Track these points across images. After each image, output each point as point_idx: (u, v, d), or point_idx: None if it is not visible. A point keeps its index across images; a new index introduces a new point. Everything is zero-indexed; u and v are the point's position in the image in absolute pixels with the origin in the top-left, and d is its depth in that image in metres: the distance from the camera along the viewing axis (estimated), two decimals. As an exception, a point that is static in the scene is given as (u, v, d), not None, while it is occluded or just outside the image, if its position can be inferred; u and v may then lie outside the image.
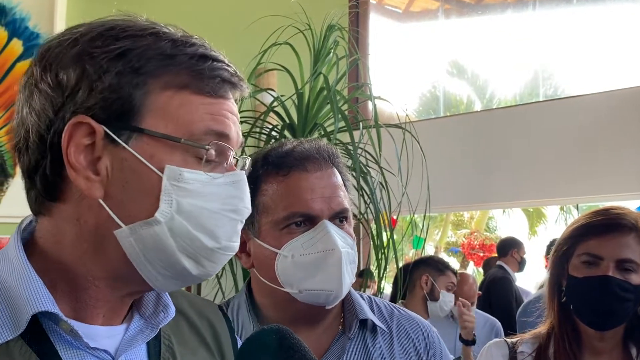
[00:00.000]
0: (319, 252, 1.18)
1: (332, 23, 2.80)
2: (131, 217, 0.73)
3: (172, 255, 0.74)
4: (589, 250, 1.43)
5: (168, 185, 0.73)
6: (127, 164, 0.73)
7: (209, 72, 0.77)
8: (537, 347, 1.49)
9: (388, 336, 1.31)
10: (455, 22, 7.46)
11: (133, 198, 0.74)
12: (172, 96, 0.75)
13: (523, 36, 7.39)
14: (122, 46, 0.74)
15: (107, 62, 0.73)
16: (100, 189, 0.73)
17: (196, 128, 0.75)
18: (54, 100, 0.74)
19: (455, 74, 11.86)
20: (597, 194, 4.95)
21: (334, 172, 1.26)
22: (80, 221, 0.75)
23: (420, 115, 9.37)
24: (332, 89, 2.57)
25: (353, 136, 2.56)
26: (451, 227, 15.57)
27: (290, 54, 2.76)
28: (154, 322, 0.82)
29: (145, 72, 0.74)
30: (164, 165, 0.73)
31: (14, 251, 0.76)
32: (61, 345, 0.73)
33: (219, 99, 0.78)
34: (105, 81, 0.73)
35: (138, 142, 0.74)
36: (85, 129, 0.73)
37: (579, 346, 1.45)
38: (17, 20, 3.84)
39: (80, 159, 0.73)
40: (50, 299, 0.73)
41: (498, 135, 5.30)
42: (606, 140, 4.78)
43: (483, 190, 5.35)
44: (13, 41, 3.84)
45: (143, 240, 0.73)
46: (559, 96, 7.59)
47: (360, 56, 2.97)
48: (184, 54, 0.76)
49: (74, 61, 0.74)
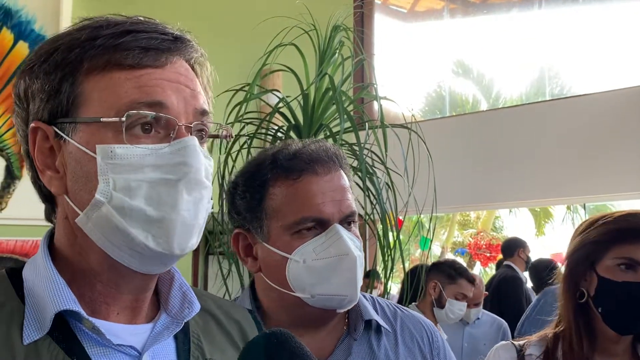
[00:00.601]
0: (332, 256, 1.17)
1: (337, 23, 2.79)
2: (85, 204, 0.76)
3: (125, 232, 0.75)
4: (626, 254, 1.40)
5: (103, 165, 0.74)
6: (73, 156, 0.77)
7: (127, 44, 0.76)
8: (544, 350, 1.47)
9: (392, 336, 1.31)
10: (460, 21, 7.45)
11: (82, 186, 0.76)
12: (98, 80, 0.76)
13: (529, 35, 7.37)
14: (50, 47, 0.78)
15: (38, 67, 0.78)
16: (62, 186, 0.78)
17: (121, 104, 0.75)
18: (22, 115, 0.80)
19: (460, 74, 11.84)
20: (604, 193, 4.93)
21: (341, 174, 1.25)
22: (67, 219, 0.79)
23: (426, 115, 9.36)
24: (338, 90, 2.56)
25: (359, 137, 2.55)
26: (458, 227, 15.54)
27: (295, 54, 2.75)
28: (179, 318, 0.84)
29: (68, 63, 0.77)
30: (96, 146, 0.75)
31: (40, 255, 0.80)
32: (88, 342, 0.76)
33: (147, 69, 0.76)
34: (37, 84, 0.77)
35: (76, 132, 0.76)
36: (42, 133, 0.78)
37: (591, 348, 1.43)
38: (23, 23, 3.86)
39: (47, 162, 0.78)
40: (72, 298, 0.76)
41: (504, 134, 5.29)
42: (613, 139, 4.76)
43: (490, 190, 5.33)
44: (19, 44, 3.86)
45: (98, 223, 0.75)
46: (566, 95, 7.56)
47: (366, 56, 2.97)
48: (103, 36, 0.77)
49: (20, 76, 0.80)
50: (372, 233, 2.80)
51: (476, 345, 3.85)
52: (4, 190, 3.51)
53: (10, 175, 3.58)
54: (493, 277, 5.69)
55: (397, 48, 6.84)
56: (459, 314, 3.25)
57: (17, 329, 0.73)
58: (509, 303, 4.93)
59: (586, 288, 1.45)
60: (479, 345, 3.86)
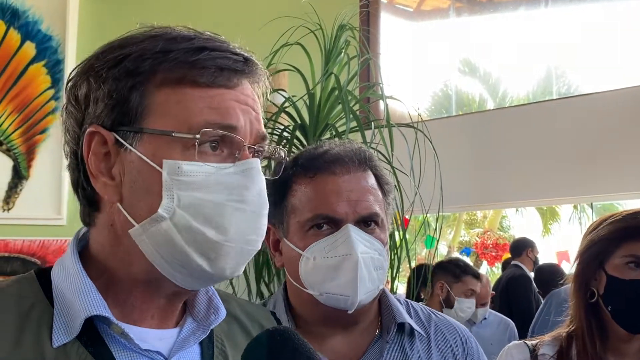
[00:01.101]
0: (338, 256, 1.18)
1: (343, 23, 2.79)
2: (142, 216, 0.75)
3: (182, 251, 0.75)
4: (634, 252, 1.39)
5: (168, 180, 0.74)
6: (134, 166, 0.76)
7: (203, 62, 0.76)
8: (558, 349, 1.46)
9: (426, 340, 1.30)
10: (466, 20, 7.43)
11: (141, 197, 0.76)
12: (170, 93, 0.76)
13: (535, 34, 7.34)
14: (120, 53, 0.77)
15: (106, 71, 0.77)
16: (116, 193, 0.77)
17: (195, 122, 0.75)
18: (77, 117, 0.79)
19: (467, 73, 11.81)
20: (612, 192, 4.90)
21: (366, 175, 1.25)
22: (113, 227, 0.78)
23: (432, 115, 9.34)
24: (344, 89, 2.56)
25: (365, 136, 2.55)
26: (464, 226, 15.51)
27: (301, 54, 2.75)
28: (205, 324, 0.84)
29: (140, 72, 0.76)
30: (162, 160, 0.75)
31: (70, 259, 0.80)
32: (115, 347, 0.76)
33: (220, 88, 0.77)
34: (104, 89, 0.76)
35: (141, 142, 0.76)
36: (99, 137, 0.77)
37: (604, 348, 1.42)
38: (30, 23, 3.87)
39: (101, 167, 0.77)
40: (102, 303, 0.76)
41: (511, 133, 5.27)
42: (621, 138, 4.74)
43: (496, 189, 5.32)
44: (26, 44, 3.87)
45: (154, 238, 0.75)
46: (573, 94, 7.53)
47: (372, 56, 2.96)
48: (178, 49, 0.77)
49: (82, 76, 0.79)
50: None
51: (483, 345, 3.83)
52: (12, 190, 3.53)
53: (17, 175, 3.59)
54: (501, 276, 5.67)
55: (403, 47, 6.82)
56: (468, 312, 3.23)
57: (46, 332, 0.74)
58: (518, 302, 4.91)
59: (596, 287, 1.44)
60: (486, 345, 3.84)
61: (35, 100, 3.88)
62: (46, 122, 3.87)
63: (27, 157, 3.68)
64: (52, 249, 3.59)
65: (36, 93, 3.89)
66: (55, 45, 3.90)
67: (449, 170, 2.89)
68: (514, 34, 7.59)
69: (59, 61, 3.91)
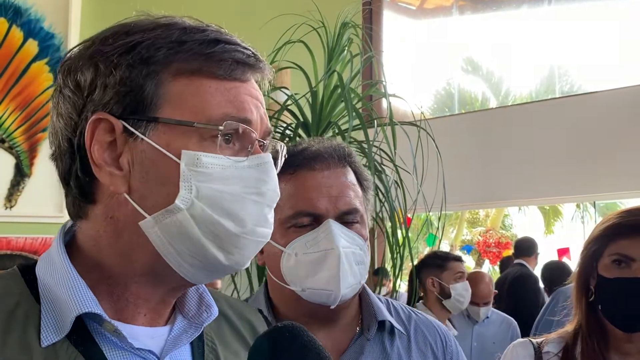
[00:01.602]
0: (320, 251, 1.19)
1: (345, 20, 2.78)
2: (154, 207, 0.73)
3: (198, 242, 0.73)
4: (620, 250, 1.40)
5: (186, 171, 0.72)
6: (146, 155, 0.74)
7: (220, 54, 0.76)
8: (563, 347, 1.46)
9: (406, 339, 1.31)
10: (469, 18, 7.42)
11: (154, 188, 0.73)
12: (186, 83, 0.75)
13: (538, 32, 7.33)
14: (132, 40, 0.75)
15: (118, 57, 0.74)
16: (124, 184, 0.74)
17: (213, 114, 0.74)
18: (76, 103, 0.76)
19: (470, 71, 11.80)
20: (614, 191, 4.90)
21: (345, 171, 1.25)
22: (113, 219, 0.75)
23: (435, 113, 9.34)
24: (346, 87, 2.56)
25: (367, 134, 2.54)
26: (466, 225, 15.50)
27: (304, 52, 2.75)
28: (197, 322, 0.82)
29: (155, 61, 0.74)
30: (180, 151, 0.73)
31: (56, 254, 0.77)
32: (106, 346, 0.74)
33: (235, 82, 0.77)
34: (116, 75, 0.74)
35: (155, 132, 0.74)
36: (105, 125, 0.74)
37: (606, 346, 1.42)
38: (32, 21, 3.87)
39: (105, 156, 0.74)
40: (93, 300, 0.73)
41: (513, 132, 5.26)
42: (623, 136, 4.73)
43: (499, 188, 5.31)
44: (29, 42, 3.87)
45: (168, 229, 0.73)
46: (575, 92, 7.52)
47: (375, 53, 2.96)
48: (193, 40, 0.75)
49: (88, 61, 0.76)
50: (380, 231, 2.79)
51: (485, 344, 3.84)
52: (14, 187, 3.53)
53: (20, 172, 3.60)
54: (505, 275, 5.63)
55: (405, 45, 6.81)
56: (466, 295, 3.17)
57: (34, 331, 0.71)
58: (525, 301, 4.88)
59: (593, 286, 1.45)
60: (488, 344, 3.84)
61: (38, 98, 3.88)
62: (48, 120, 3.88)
63: (30, 154, 3.69)
64: (54, 246, 3.60)
65: (38, 91, 3.89)
66: (57, 43, 3.90)
67: (451, 168, 2.89)
68: (517, 32, 7.58)
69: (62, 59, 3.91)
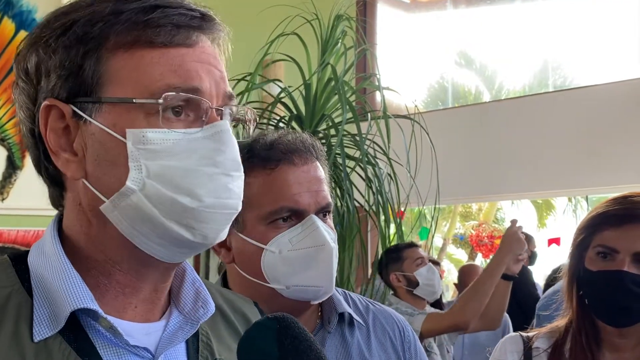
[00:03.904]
0: (309, 247, 1.16)
1: (339, 13, 2.78)
2: (111, 190, 0.71)
3: (159, 222, 0.71)
4: (604, 241, 1.35)
5: (134, 150, 0.70)
6: (96, 138, 0.71)
7: (158, 20, 0.71)
8: (553, 342, 1.43)
9: (365, 330, 1.31)
10: (463, 12, 7.41)
11: (107, 170, 0.71)
12: (125, 57, 0.71)
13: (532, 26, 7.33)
14: (67, 20, 0.72)
15: (55, 40, 0.71)
16: (80, 169, 0.72)
17: (156, 87, 0.70)
18: (29, 92, 0.74)
19: (463, 65, 11.80)
20: (606, 185, 4.91)
21: (317, 165, 1.24)
22: (81, 206, 0.73)
23: (428, 106, 9.34)
24: (340, 80, 2.55)
25: (360, 127, 2.54)
26: (459, 218, 15.53)
27: (297, 44, 2.74)
28: (193, 318, 0.79)
29: (91, 38, 0.71)
30: (126, 130, 0.70)
31: (50, 245, 0.75)
32: (100, 342, 0.72)
33: (179, 48, 0.72)
34: (55, 59, 0.71)
35: (100, 113, 0.71)
36: (56, 111, 0.72)
37: (597, 342, 1.39)
38: (24, 13, 3.84)
39: (61, 143, 0.72)
40: (89, 295, 0.71)
41: (507, 126, 5.27)
42: (616, 130, 4.74)
43: (492, 182, 5.32)
44: (20, 33, 3.84)
45: (126, 212, 0.71)
46: (569, 86, 7.53)
47: (369, 46, 2.96)
48: (130, 10, 0.71)
49: (30, 49, 0.74)
50: (374, 224, 2.79)
51: (477, 337, 3.85)
52: (6, 180, 3.51)
53: (11, 165, 3.58)
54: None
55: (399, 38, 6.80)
56: (434, 277, 3.03)
57: (25, 325, 0.69)
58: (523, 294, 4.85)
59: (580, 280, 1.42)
60: (480, 337, 3.85)
61: (30, 90, 3.86)
62: (40, 112, 3.85)
63: (21, 147, 3.66)
64: (46, 239, 3.58)
65: (30, 83, 3.87)
66: (49, 35, 3.88)
67: (444, 162, 2.89)
68: (510, 26, 7.58)
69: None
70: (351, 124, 2.66)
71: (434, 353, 2.88)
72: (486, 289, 2.69)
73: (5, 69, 3.82)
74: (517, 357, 1.45)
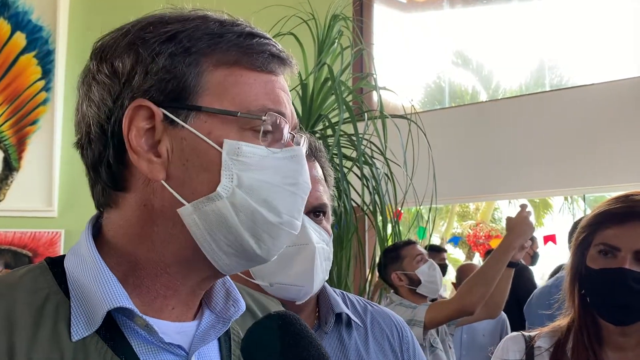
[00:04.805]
0: (293, 245, 1.16)
1: (336, 13, 2.78)
2: (194, 195, 0.74)
3: (235, 231, 0.74)
4: (605, 240, 1.36)
5: (228, 160, 0.73)
6: (187, 143, 0.74)
7: (257, 47, 0.78)
8: (555, 341, 1.43)
9: (363, 330, 1.31)
10: (460, 11, 7.42)
11: (195, 176, 0.74)
12: (226, 74, 0.76)
13: (528, 25, 7.34)
14: (172, 29, 0.76)
15: (159, 45, 0.75)
16: (163, 171, 0.74)
17: (252, 105, 0.76)
18: (112, 89, 0.76)
19: (460, 64, 11.81)
20: (603, 184, 4.92)
21: (314, 165, 1.24)
22: (147, 206, 0.75)
23: (425, 106, 9.35)
24: (337, 80, 2.55)
25: (357, 127, 2.54)
26: (457, 218, 15.55)
27: (294, 44, 2.74)
28: (225, 317, 0.82)
29: (196, 51, 0.75)
30: (222, 140, 0.74)
31: (85, 248, 0.77)
32: (135, 340, 0.74)
33: (271, 75, 0.79)
34: (159, 63, 0.74)
35: (196, 120, 0.74)
36: (145, 112, 0.74)
37: (599, 341, 1.39)
38: (20, 14, 3.84)
39: (142, 143, 0.75)
40: (124, 295, 0.73)
41: (504, 125, 5.28)
42: (613, 130, 4.75)
43: (489, 181, 5.33)
44: (16, 34, 3.84)
45: (206, 217, 0.73)
46: (565, 86, 7.55)
47: (365, 46, 2.95)
48: (231, 33, 0.77)
49: (128, 48, 0.76)
50: (371, 224, 2.79)
51: (475, 337, 3.86)
52: (2, 182, 3.50)
53: (8, 166, 3.57)
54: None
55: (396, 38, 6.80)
56: (436, 273, 3.03)
57: (64, 325, 0.71)
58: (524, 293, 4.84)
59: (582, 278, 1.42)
60: (477, 336, 3.86)
61: (26, 91, 3.85)
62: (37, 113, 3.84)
63: (18, 148, 3.66)
64: (43, 240, 3.56)
65: (27, 84, 3.86)
66: (45, 36, 3.87)
67: (442, 162, 2.89)
68: (507, 25, 7.59)
69: (50, 52, 3.87)
70: (348, 124, 2.66)
71: (438, 349, 2.87)
72: (494, 273, 2.65)
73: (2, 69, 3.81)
74: (520, 356, 1.45)
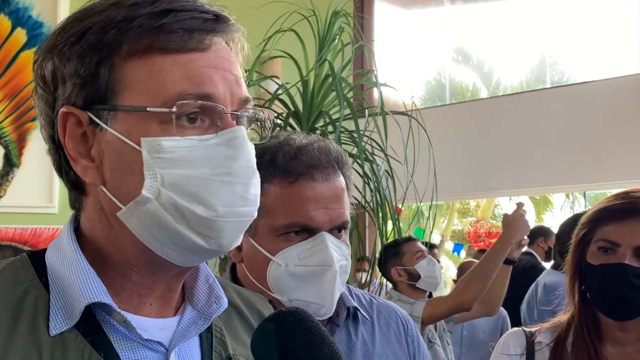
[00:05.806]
0: (315, 265, 1.17)
1: (337, 9, 2.77)
2: (128, 198, 0.71)
3: (175, 231, 0.71)
4: (605, 236, 1.37)
5: (149, 159, 0.70)
6: (112, 146, 0.72)
7: (170, 25, 0.71)
8: (556, 337, 1.44)
9: (370, 324, 1.32)
10: (460, 8, 7.41)
11: (123, 178, 0.72)
12: (139, 64, 0.71)
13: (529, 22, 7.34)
14: (82, 27, 0.72)
15: (69, 48, 0.72)
16: (98, 176, 0.73)
17: (169, 94, 0.70)
18: (47, 99, 0.75)
19: (461, 61, 11.80)
20: (604, 181, 4.92)
21: (340, 179, 1.23)
22: (103, 210, 0.74)
23: (426, 103, 9.34)
24: (338, 76, 2.55)
25: (358, 124, 2.54)
26: (457, 215, 15.55)
27: (294, 40, 2.73)
28: (206, 313, 0.80)
29: (104, 45, 0.71)
30: (140, 138, 0.70)
31: (66, 242, 0.76)
32: (115, 336, 0.73)
33: (192, 53, 0.72)
34: (70, 67, 0.72)
35: (116, 120, 0.71)
36: (74, 118, 0.73)
37: (599, 336, 1.40)
38: (21, 10, 3.83)
39: (79, 149, 0.73)
40: (103, 290, 0.72)
41: (504, 122, 5.27)
42: (614, 127, 4.75)
43: (489, 178, 5.33)
44: (17, 30, 3.83)
45: (143, 219, 0.71)
46: (566, 83, 7.54)
47: (366, 43, 2.95)
48: (141, 15, 0.71)
49: (47, 56, 0.74)
50: (371, 221, 2.79)
51: (475, 333, 3.86)
52: (3, 178, 3.50)
53: (9, 163, 3.57)
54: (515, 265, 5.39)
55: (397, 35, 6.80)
56: (435, 268, 3.04)
57: (42, 319, 0.70)
58: None
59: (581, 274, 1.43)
60: (478, 333, 3.86)
61: (27, 87, 3.85)
62: (37, 109, 3.84)
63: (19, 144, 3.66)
64: (44, 237, 3.57)
65: (27, 80, 3.86)
66: (46, 32, 3.86)
67: (442, 158, 2.89)
68: (508, 22, 7.58)
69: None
70: (349, 121, 2.66)
71: (436, 344, 2.89)
72: (490, 269, 2.66)
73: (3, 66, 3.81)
74: (520, 352, 1.45)
